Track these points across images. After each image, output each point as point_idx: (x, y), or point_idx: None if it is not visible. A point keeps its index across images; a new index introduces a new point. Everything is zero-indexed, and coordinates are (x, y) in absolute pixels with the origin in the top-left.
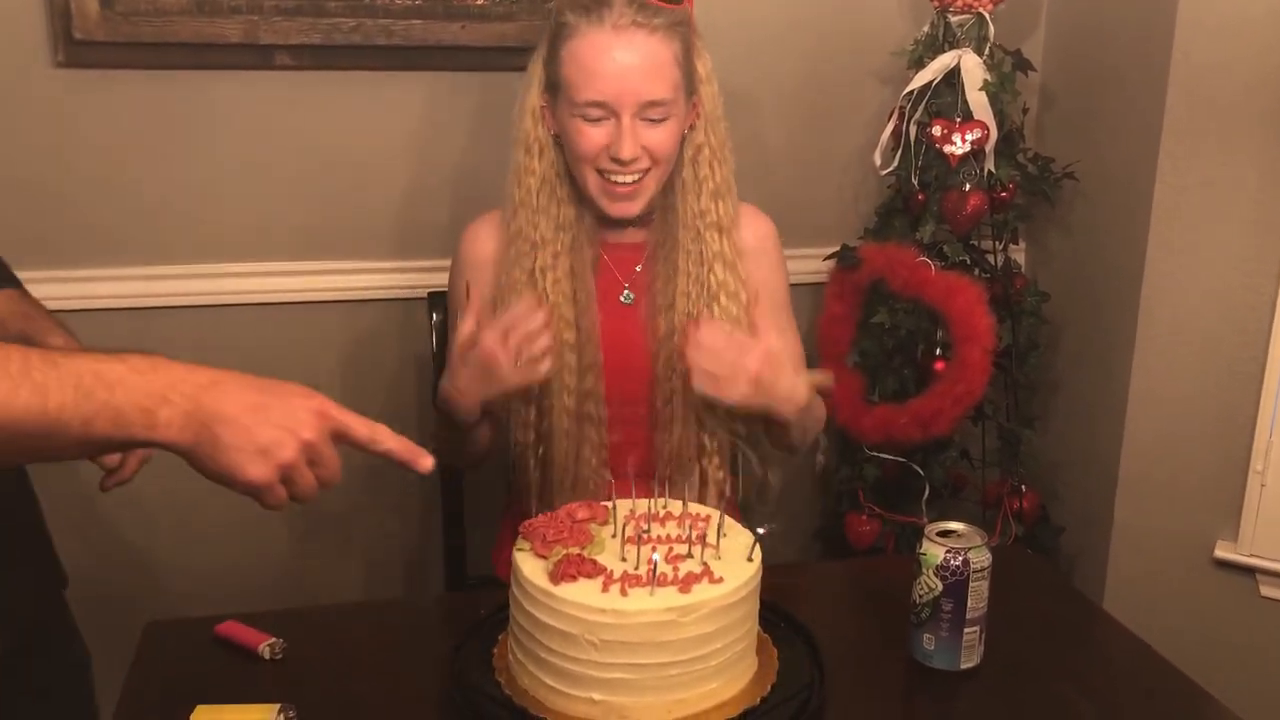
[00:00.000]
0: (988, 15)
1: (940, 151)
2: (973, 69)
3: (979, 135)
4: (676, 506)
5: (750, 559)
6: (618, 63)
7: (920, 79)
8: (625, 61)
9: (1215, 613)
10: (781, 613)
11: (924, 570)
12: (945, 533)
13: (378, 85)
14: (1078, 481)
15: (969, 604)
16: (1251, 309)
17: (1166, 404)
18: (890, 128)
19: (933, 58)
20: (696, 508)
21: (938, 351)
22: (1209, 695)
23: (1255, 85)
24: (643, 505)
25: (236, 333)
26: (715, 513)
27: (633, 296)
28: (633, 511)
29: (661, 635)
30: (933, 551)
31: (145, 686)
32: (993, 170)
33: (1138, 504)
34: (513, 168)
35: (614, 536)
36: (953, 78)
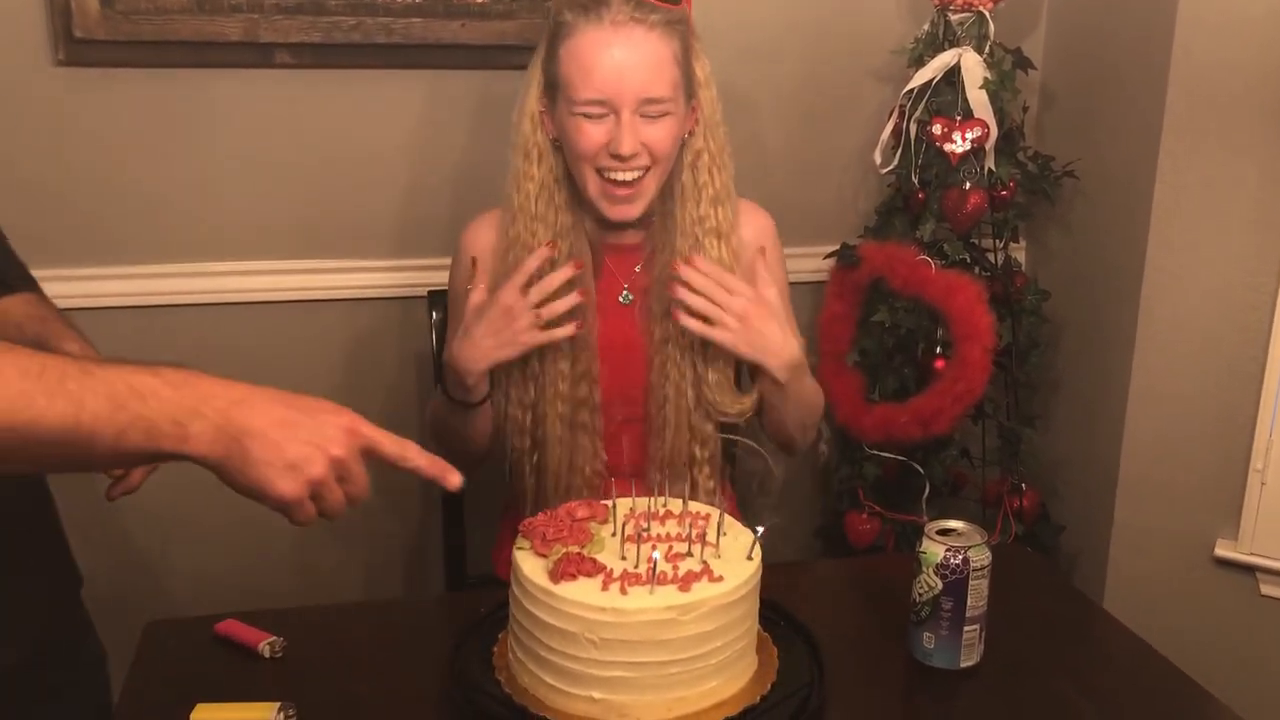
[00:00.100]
0: (988, 13)
1: (940, 150)
2: (973, 67)
3: (979, 133)
4: (676, 505)
5: (750, 557)
6: (616, 59)
7: (920, 77)
8: (624, 58)
9: (1215, 612)
10: (781, 611)
11: (924, 569)
12: (945, 531)
13: (378, 83)
14: (1078, 480)
15: (969, 602)
16: (1252, 307)
17: (1167, 402)
18: (890, 126)
19: (933, 56)
20: (696, 506)
21: (938, 350)
22: (1209, 694)
23: (1256, 83)
24: (642, 504)
25: (236, 331)
26: (715, 511)
27: (631, 297)
28: (632, 510)
29: (661, 634)
30: (932, 550)
31: (146, 685)
32: (993, 168)
33: (1138, 503)
34: (511, 173)
35: (614, 535)
36: (953, 76)
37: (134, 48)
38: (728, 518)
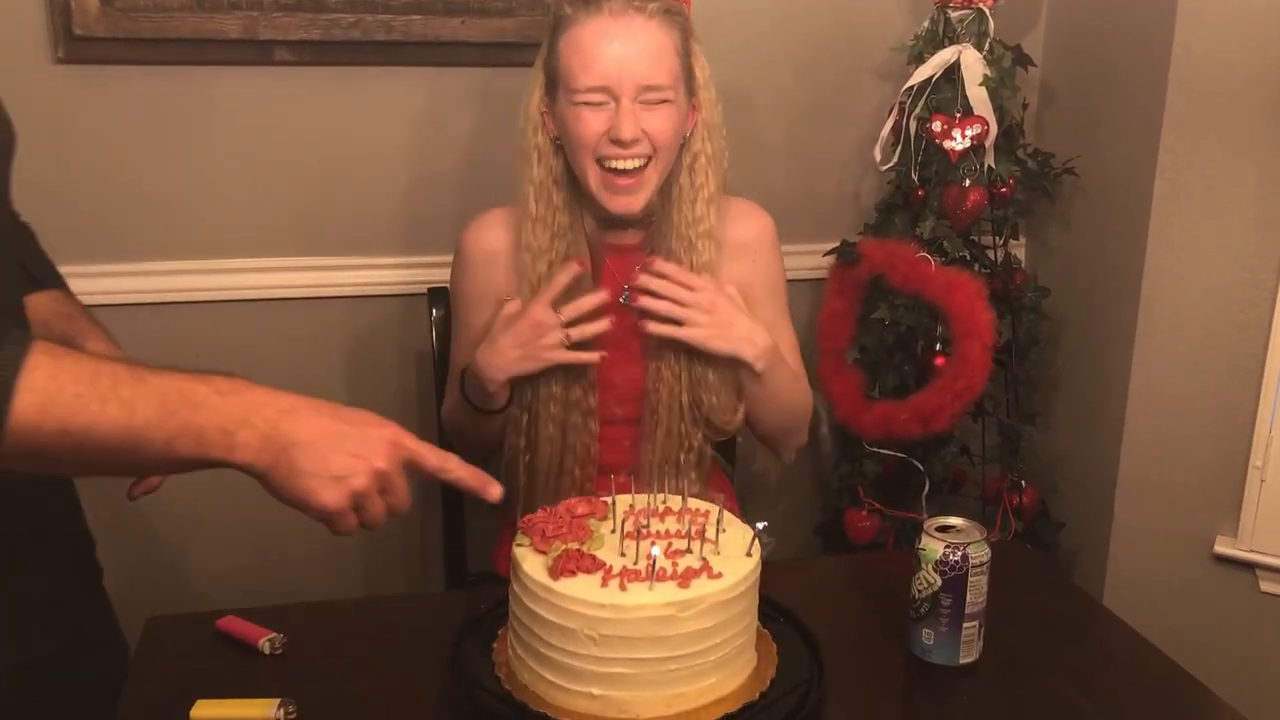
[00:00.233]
0: (987, 10)
1: (940, 147)
2: (973, 64)
3: (979, 131)
4: (675, 502)
5: (749, 554)
6: (616, 47)
7: (920, 74)
8: (624, 45)
9: (1215, 608)
10: (781, 608)
11: (923, 565)
12: (944, 528)
13: (377, 81)
14: (1078, 477)
15: (968, 599)
16: (1252, 304)
17: (1167, 399)
18: (890, 123)
19: (933, 53)
20: (696, 503)
21: (938, 347)
22: (1209, 690)
23: (1256, 80)
24: (642, 501)
25: (236, 328)
26: (715, 508)
27: (632, 298)
28: (632, 507)
29: (661, 630)
30: (932, 546)
31: (146, 681)
32: (993, 166)
33: (1138, 500)
34: (518, 175)
35: (613, 532)
36: (953, 73)
37: (134, 45)
38: (727, 514)
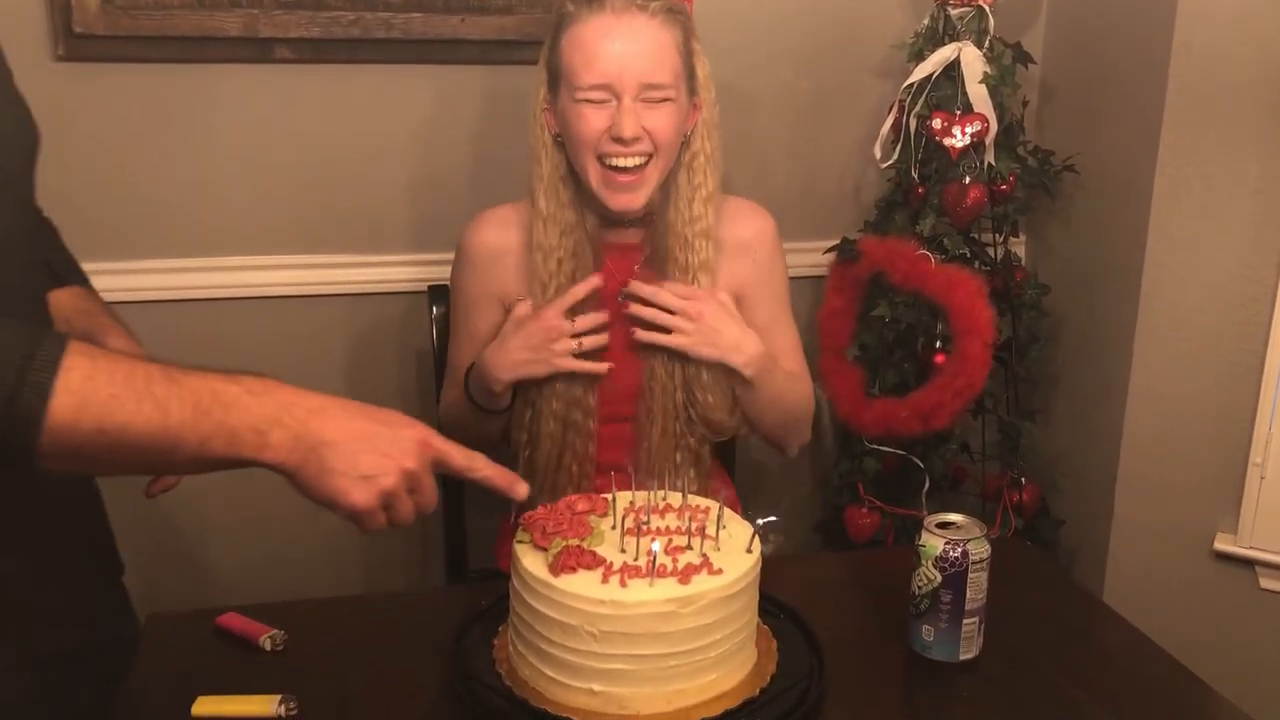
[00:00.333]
0: (987, 8)
1: (940, 144)
2: (973, 62)
3: (979, 128)
4: (676, 498)
5: (749, 551)
6: (618, 45)
7: (920, 72)
8: (625, 43)
9: (1215, 605)
10: (781, 605)
11: (923, 562)
12: (944, 524)
13: (377, 79)
14: (1078, 474)
15: (968, 595)
16: (1252, 301)
17: (1166, 397)
18: (890, 121)
19: (932, 50)
20: (696, 500)
21: (938, 344)
22: (1208, 687)
23: (1256, 77)
24: (642, 497)
25: (237, 326)
26: (715, 505)
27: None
28: (632, 503)
29: (661, 626)
30: (932, 543)
31: (147, 678)
32: (993, 163)
33: (1137, 497)
34: (530, 175)
35: (613, 528)
36: (953, 70)
37: (133, 43)
38: (727, 511)
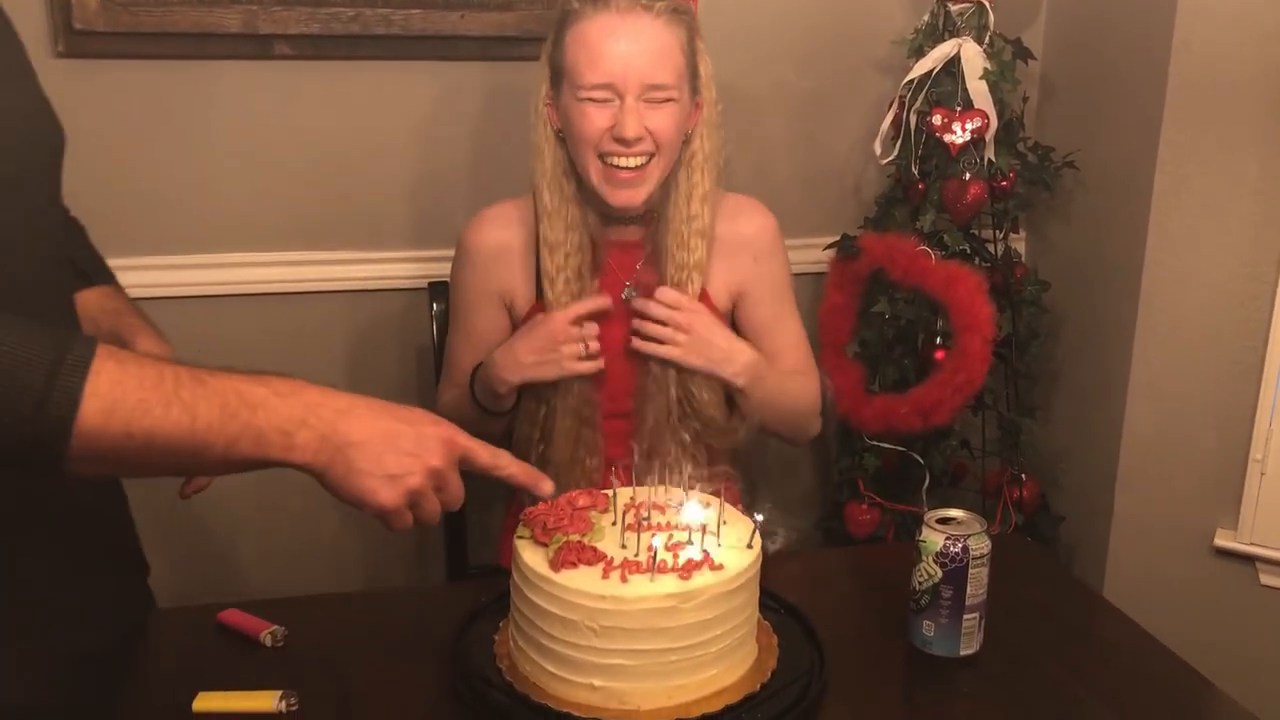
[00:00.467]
0: (987, 4)
1: (940, 140)
2: (973, 58)
3: (979, 124)
4: (677, 494)
5: (750, 546)
6: (622, 44)
7: (920, 68)
8: (629, 43)
9: (1215, 601)
10: (781, 600)
11: (923, 557)
12: (945, 520)
13: (377, 75)
14: (1078, 471)
15: (968, 591)
16: (1252, 298)
17: (1167, 393)
18: (890, 117)
19: (933, 46)
20: (697, 496)
21: (938, 341)
22: (1209, 683)
23: (1256, 74)
24: (643, 493)
25: (237, 323)
26: (715, 500)
27: (635, 294)
28: (633, 499)
29: (661, 621)
30: (932, 538)
31: (148, 674)
32: (993, 159)
33: (1138, 493)
34: (533, 175)
35: (614, 524)
36: (953, 66)
37: (133, 39)
38: (728, 506)
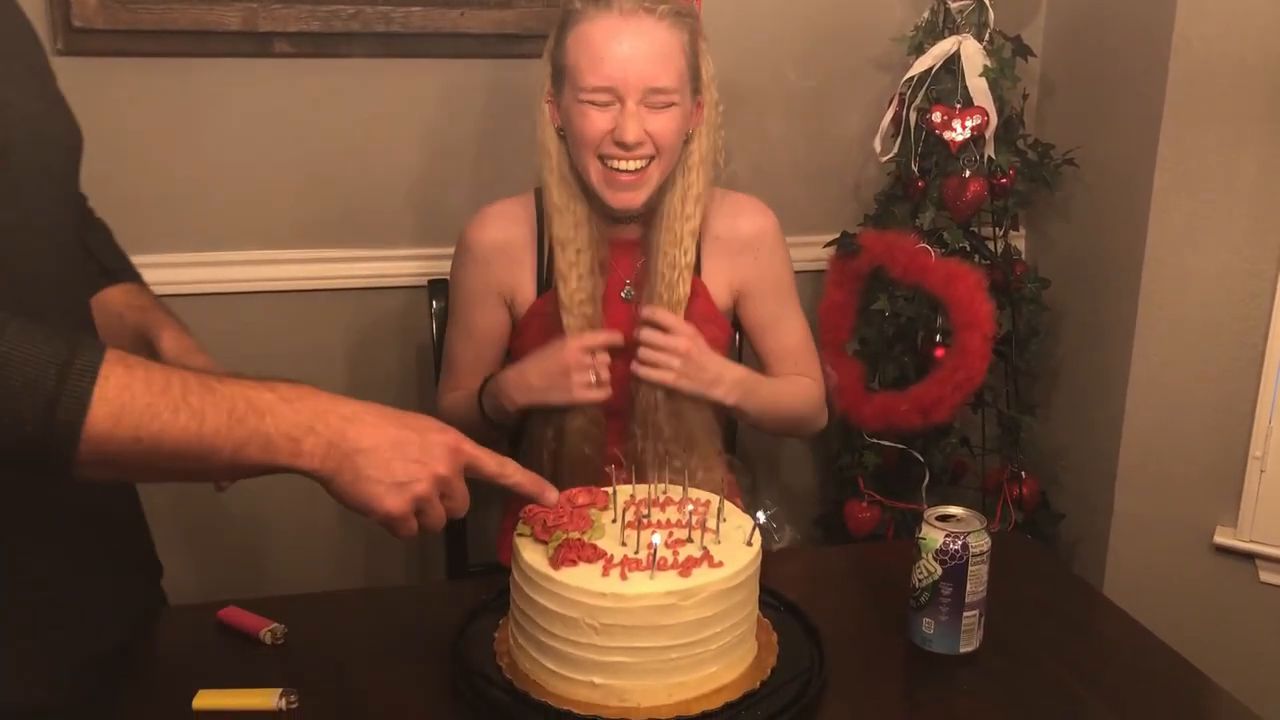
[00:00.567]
0: (987, 1)
1: (940, 138)
2: (973, 55)
3: (979, 121)
4: (676, 492)
5: (750, 543)
6: (625, 47)
7: (920, 65)
8: (631, 46)
9: (1215, 598)
10: (781, 598)
11: (923, 554)
12: (945, 517)
13: (377, 73)
14: (1078, 468)
15: (968, 588)
16: (1252, 295)
17: (1166, 390)
18: (890, 114)
19: (932, 44)
20: (696, 493)
21: (938, 338)
22: (1208, 680)
23: (1256, 70)
24: (642, 491)
25: (236, 321)
26: (715, 498)
27: (633, 293)
28: (633, 497)
29: (661, 619)
30: (932, 536)
31: (148, 672)
32: (993, 156)
33: (1138, 490)
34: (541, 172)
35: (614, 521)
36: (952, 64)
37: (133, 37)
38: (728, 504)
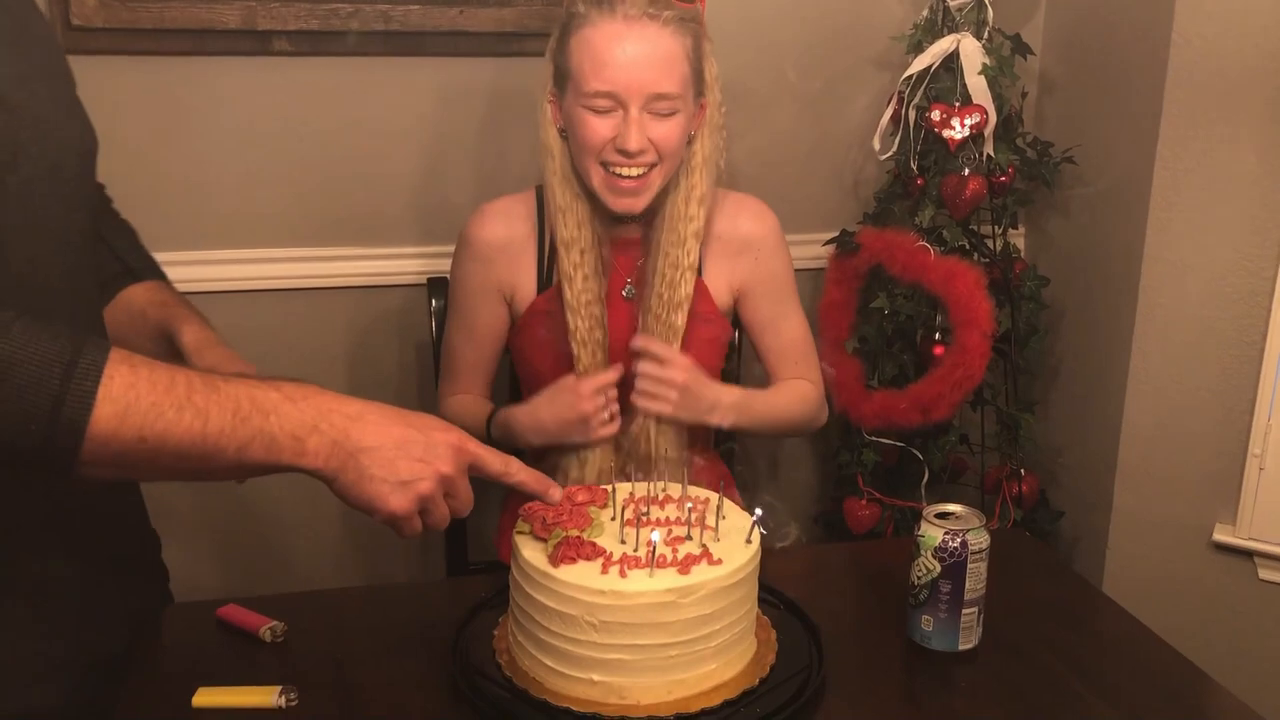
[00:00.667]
0: None
1: (939, 136)
2: (971, 53)
3: (978, 119)
4: (675, 489)
5: (749, 541)
6: (628, 53)
7: (919, 63)
8: (635, 52)
9: (1214, 596)
10: (780, 595)
11: (922, 552)
12: (944, 514)
13: (376, 71)
14: (1077, 466)
15: (967, 585)
16: (1251, 293)
17: (1166, 388)
18: (889, 112)
19: (931, 42)
20: (696, 490)
21: (937, 336)
22: (1208, 677)
23: (1255, 68)
24: (642, 488)
25: (235, 319)
26: (714, 495)
27: (634, 291)
28: (632, 494)
29: (661, 616)
30: (931, 533)
31: (148, 670)
32: (992, 154)
33: (1137, 488)
34: (543, 172)
35: (613, 519)
36: (951, 62)
37: (132, 35)
38: (727, 501)
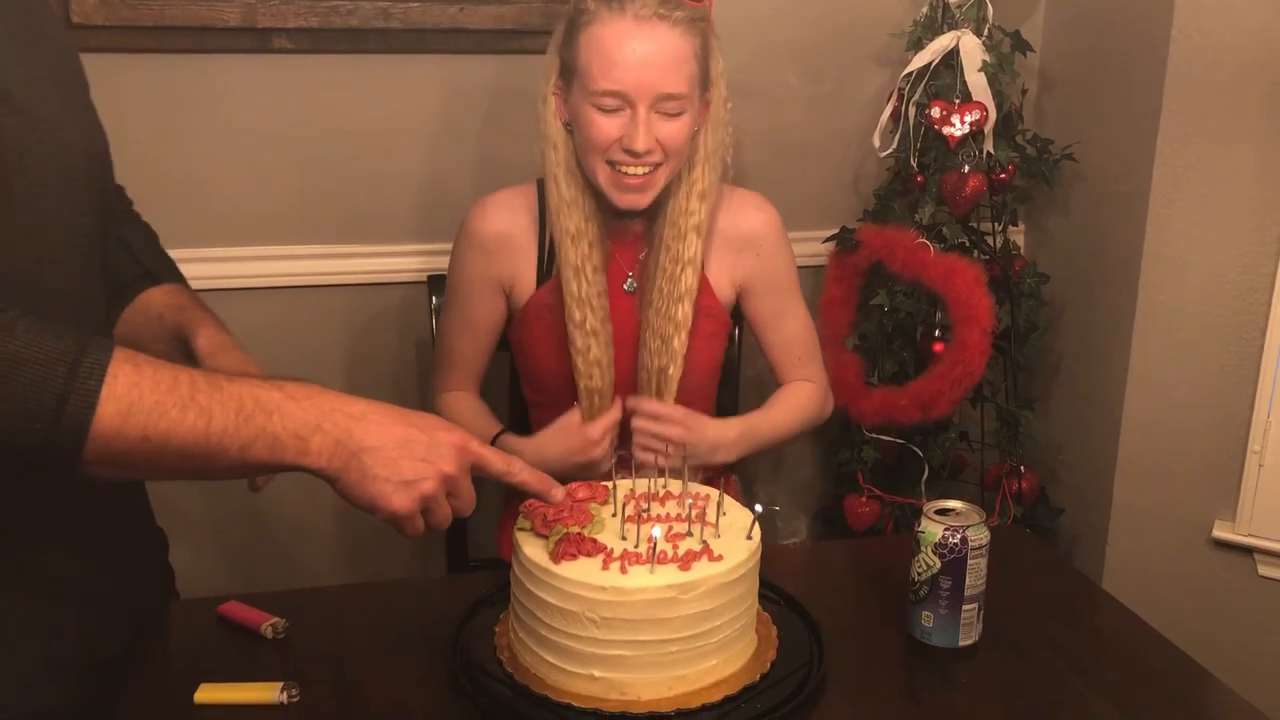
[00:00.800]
0: None
1: (939, 133)
2: (971, 50)
3: (978, 116)
4: (676, 486)
5: (749, 537)
6: (637, 53)
7: (919, 60)
8: (644, 52)
9: (1213, 592)
10: (781, 592)
11: (922, 548)
12: (944, 511)
13: (376, 68)
14: (1077, 463)
15: (967, 581)
16: (1250, 290)
17: (1165, 385)
18: (889, 109)
19: (931, 39)
20: (696, 487)
21: (937, 333)
22: (1208, 673)
23: (1255, 65)
24: (642, 485)
25: (234, 317)
26: (715, 492)
27: (636, 285)
28: (633, 491)
29: (661, 612)
30: (931, 529)
31: (149, 666)
32: (991, 152)
33: (1136, 485)
34: (545, 165)
35: (614, 516)
36: (951, 59)
37: (132, 33)
38: (727, 498)
